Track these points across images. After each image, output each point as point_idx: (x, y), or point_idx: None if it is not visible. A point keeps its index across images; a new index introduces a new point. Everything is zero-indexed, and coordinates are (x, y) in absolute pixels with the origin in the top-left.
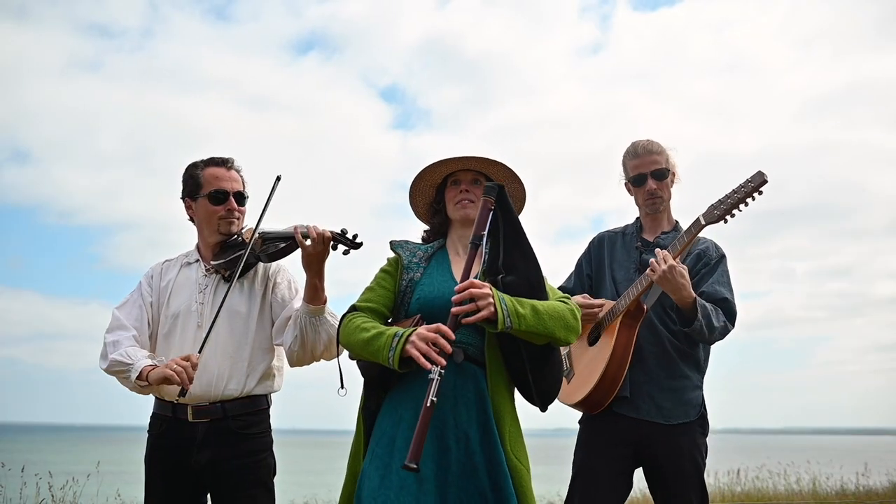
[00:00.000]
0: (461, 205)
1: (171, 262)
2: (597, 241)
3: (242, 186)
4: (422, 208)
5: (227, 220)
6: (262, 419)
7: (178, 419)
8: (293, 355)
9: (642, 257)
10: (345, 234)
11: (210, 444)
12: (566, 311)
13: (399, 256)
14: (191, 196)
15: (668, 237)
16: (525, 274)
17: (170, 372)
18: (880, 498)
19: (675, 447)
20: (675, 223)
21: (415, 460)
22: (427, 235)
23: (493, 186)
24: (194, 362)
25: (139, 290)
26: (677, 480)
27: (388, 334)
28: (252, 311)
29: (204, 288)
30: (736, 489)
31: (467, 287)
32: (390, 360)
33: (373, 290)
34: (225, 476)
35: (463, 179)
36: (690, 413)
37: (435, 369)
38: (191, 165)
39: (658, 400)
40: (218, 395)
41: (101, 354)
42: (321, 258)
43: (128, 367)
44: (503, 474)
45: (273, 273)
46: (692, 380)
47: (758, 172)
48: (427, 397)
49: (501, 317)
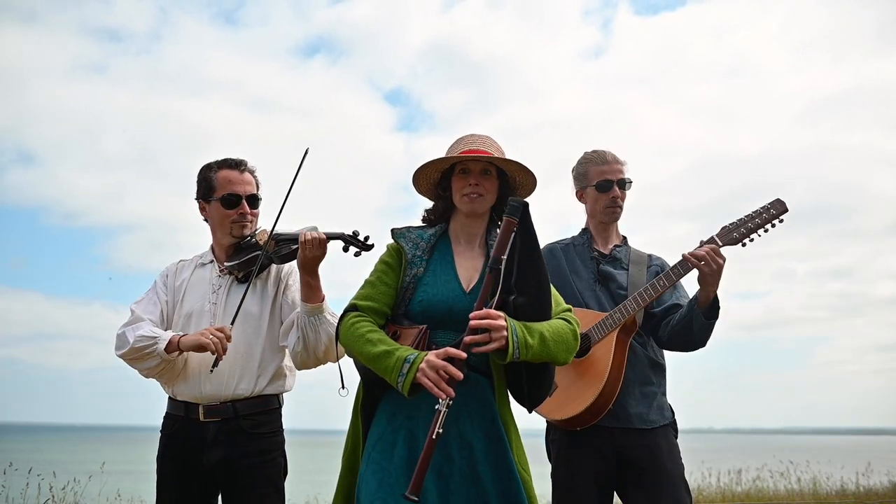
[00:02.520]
0: (469, 198)
1: (186, 262)
2: (548, 252)
3: (256, 189)
4: (424, 188)
5: (239, 223)
6: (273, 419)
7: (189, 419)
8: (297, 357)
9: (600, 268)
10: (356, 236)
11: (221, 443)
12: (569, 335)
13: (402, 249)
14: (204, 198)
15: (621, 250)
16: (537, 296)
17: (205, 340)
18: (880, 498)
19: (655, 448)
20: (623, 238)
21: (415, 492)
22: (430, 216)
23: (518, 205)
24: (228, 333)
25: (154, 288)
26: (662, 479)
27: (397, 356)
28: (264, 311)
29: (218, 288)
30: (736, 489)
31: (484, 317)
32: (400, 385)
33: (374, 285)
34: (236, 475)
35: (473, 169)
36: (666, 416)
37: (443, 401)
38: (205, 167)
39: (636, 408)
40: (229, 395)
41: (117, 345)
42: (316, 262)
43: (154, 339)
44: (515, 482)
45: (285, 275)
46: (661, 387)
47: (778, 200)
48: (433, 428)
49: (511, 350)
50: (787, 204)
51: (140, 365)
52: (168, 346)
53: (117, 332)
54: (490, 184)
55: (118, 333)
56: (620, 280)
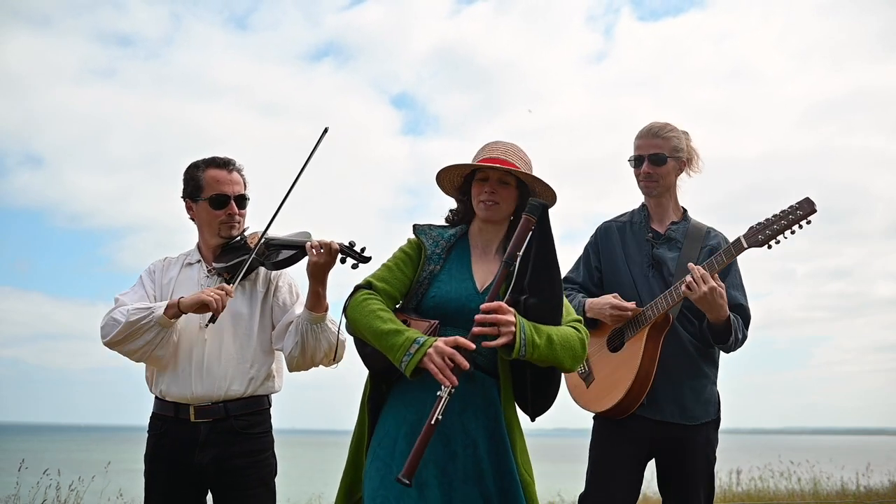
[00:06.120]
0: (484, 206)
1: (172, 259)
2: (603, 231)
3: (244, 188)
4: (448, 188)
5: (228, 224)
6: (263, 419)
7: (180, 420)
8: (293, 361)
9: (654, 252)
10: (353, 247)
11: (213, 443)
12: (577, 342)
13: (423, 244)
14: (191, 197)
15: (678, 227)
16: (549, 299)
17: (207, 297)
18: (881, 498)
19: (691, 445)
20: (683, 211)
21: (408, 476)
22: (452, 217)
23: (538, 206)
24: (229, 291)
25: (141, 283)
26: (690, 476)
27: (406, 336)
28: (254, 312)
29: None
30: (736, 489)
31: (494, 310)
32: (403, 365)
33: (391, 270)
34: (227, 475)
35: (491, 177)
36: (710, 412)
37: (446, 388)
38: (191, 166)
39: (682, 401)
40: (221, 396)
41: (104, 331)
42: (326, 268)
43: (149, 308)
44: (514, 482)
45: (275, 276)
46: (710, 377)
47: (806, 200)
48: (433, 414)
49: (518, 346)
50: (815, 204)
51: (133, 343)
52: (167, 309)
53: (103, 321)
54: (508, 193)
55: (105, 320)
56: (671, 264)
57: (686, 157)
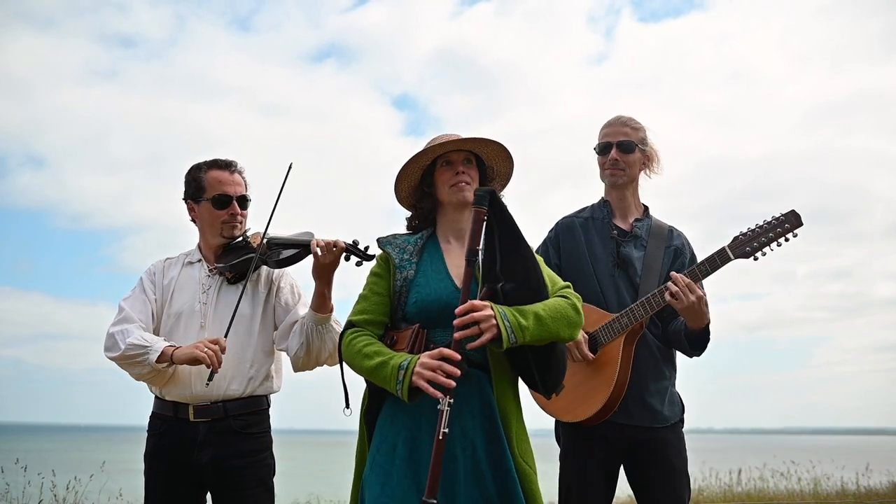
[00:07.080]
0: (457, 187)
1: (173, 260)
2: (565, 227)
3: (245, 189)
4: (405, 193)
5: (230, 224)
6: (262, 419)
7: (179, 419)
8: (298, 361)
9: (621, 250)
10: (356, 246)
11: (212, 443)
12: (568, 309)
13: (388, 256)
14: (193, 199)
15: (642, 225)
16: (524, 279)
17: (200, 353)
18: (881, 498)
19: (663, 445)
20: (644, 208)
21: (433, 496)
22: (414, 222)
23: (484, 194)
24: (223, 345)
25: (141, 285)
26: (667, 476)
27: (392, 364)
28: (255, 313)
29: (207, 289)
30: (736, 489)
31: (468, 310)
32: (399, 393)
33: (367, 298)
34: (226, 475)
35: (455, 160)
36: (677, 412)
37: (444, 400)
38: (193, 167)
39: (650, 404)
40: (220, 396)
41: (107, 346)
42: (332, 268)
43: (145, 349)
44: (512, 481)
45: (277, 277)
46: (671, 379)
47: (792, 213)
48: (439, 429)
49: (506, 335)
50: (801, 217)
51: (129, 370)
52: (160, 357)
53: (108, 331)
54: (474, 172)
55: (109, 333)
56: (637, 264)
57: (649, 152)
